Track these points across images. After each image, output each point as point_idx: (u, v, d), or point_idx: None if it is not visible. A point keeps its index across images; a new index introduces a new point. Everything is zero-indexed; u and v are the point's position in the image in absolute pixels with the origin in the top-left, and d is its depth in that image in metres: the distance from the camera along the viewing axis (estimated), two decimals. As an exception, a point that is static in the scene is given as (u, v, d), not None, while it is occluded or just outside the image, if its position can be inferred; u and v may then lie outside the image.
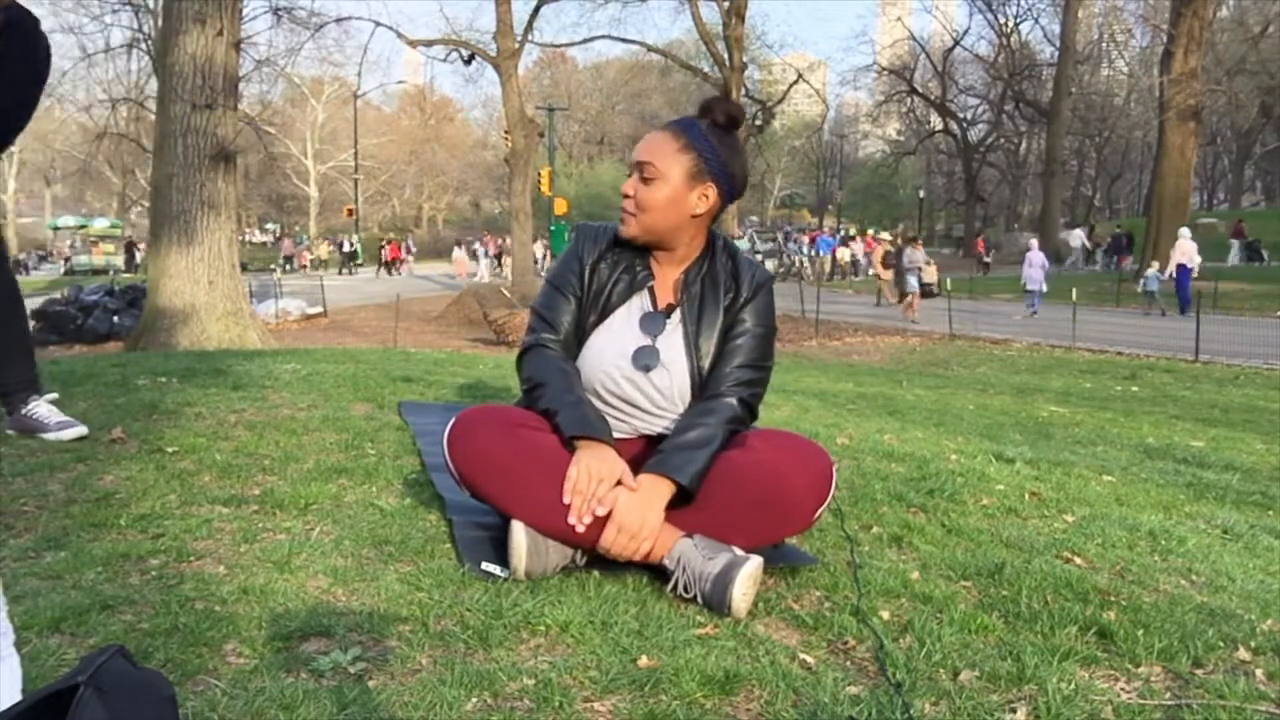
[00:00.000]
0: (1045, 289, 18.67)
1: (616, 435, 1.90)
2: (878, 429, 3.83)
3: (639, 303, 1.94)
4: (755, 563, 1.65)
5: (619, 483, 1.74)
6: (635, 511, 1.71)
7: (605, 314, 1.93)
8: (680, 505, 1.76)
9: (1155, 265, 19.23)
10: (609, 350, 1.90)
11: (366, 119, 48.35)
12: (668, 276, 1.95)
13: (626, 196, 1.88)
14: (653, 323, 1.91)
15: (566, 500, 1.73)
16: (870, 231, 30.32)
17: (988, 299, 22.12)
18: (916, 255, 18.82)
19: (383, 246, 39.51)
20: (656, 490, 1.73)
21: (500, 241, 37.59)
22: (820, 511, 1.82)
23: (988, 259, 32.87)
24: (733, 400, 1.84)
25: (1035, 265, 18.29)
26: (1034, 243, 21.00)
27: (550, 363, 1.89)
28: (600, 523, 1.73)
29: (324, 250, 43.26)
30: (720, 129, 1.88)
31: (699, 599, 1.67)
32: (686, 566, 1.69)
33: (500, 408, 1.94)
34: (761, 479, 1.75)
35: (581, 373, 1.91)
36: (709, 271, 1.94)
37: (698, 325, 1.90)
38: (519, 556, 1.72)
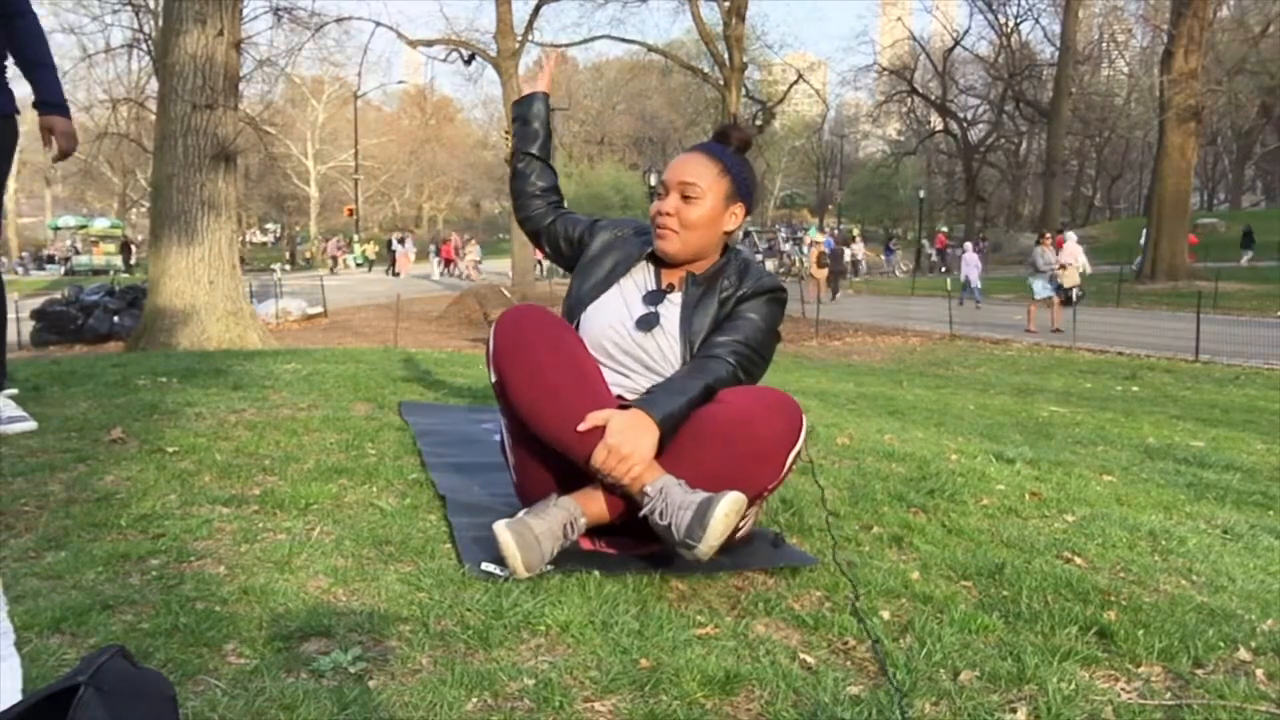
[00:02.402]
0: (980, 285, 21.09)
1: (620, 391, 1.99)
2: (878, 429, 3.83)
3: (644, 278, 2.06)
4: (739, 495, 1.70)
5: (623, 405, 1.84)
6: (626, 434, 1.76)
7: (611, 268, 2.06)
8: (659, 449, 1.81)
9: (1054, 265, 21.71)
10: (617, 310, 2.02)
11: (367, 119, 48.34)
12: (677, 271, 2.07)
13: (666, 214, 1.99)
14: (655, 296, 2.04)
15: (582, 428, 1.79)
16: (812, 233, 29.68)
17: (988, 298, 22.12)
18: (1049, 255, 15.56)
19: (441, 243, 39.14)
20: (646, 423, 1.79)
21: (453, 241, 37.80)
22: (792, 458, 1.84)
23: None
24: (719, 363, 1.92)
25: (971, 265, 21.00)
26: (969, 245, 23.36)
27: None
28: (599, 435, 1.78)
29: (371, 249, 42.78)
30: (739, 152, 2.05)
31: (672, 528, 1.70)
32: (668, 496, 1.73)
33: (551, 313, 1.99)
34: (730, 426, 1.81)
35: (587, 331, 2.02)
36: (716, 273, 2.05)
37: (694, 308, 2.01)
38: (511, 554, 1.73)
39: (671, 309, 2.01)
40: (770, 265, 29.86)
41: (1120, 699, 1.38)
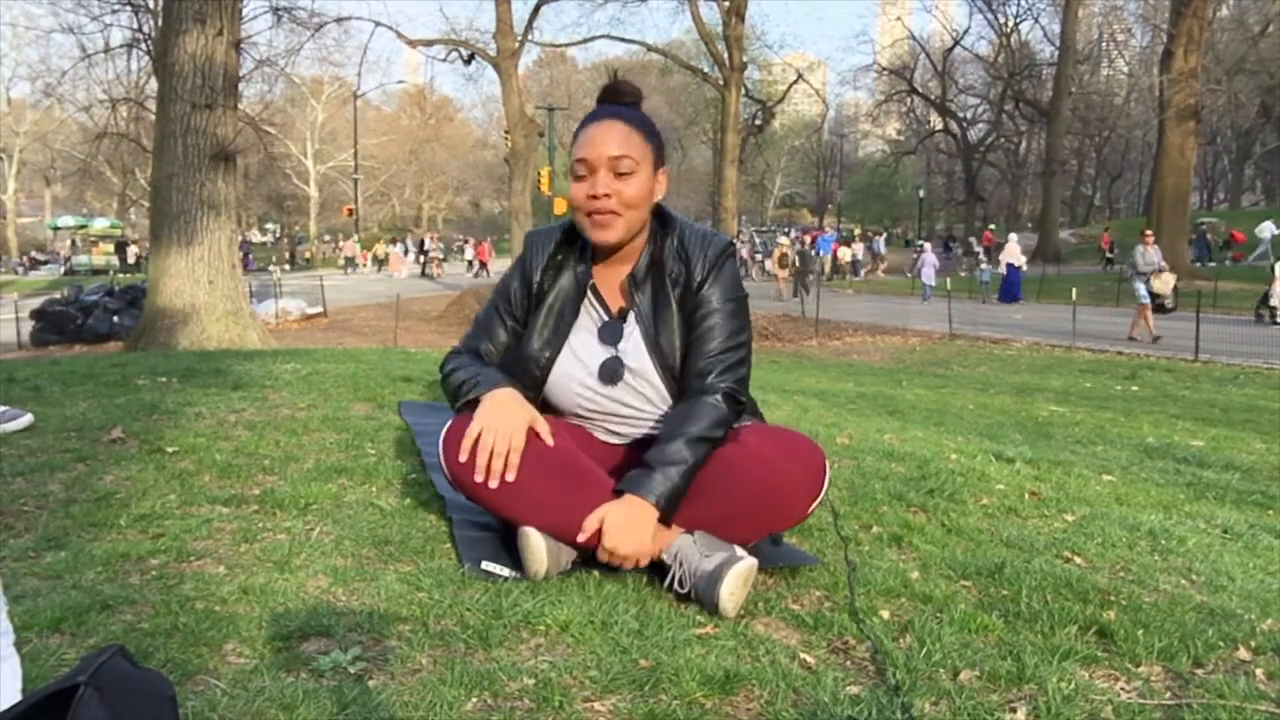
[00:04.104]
0: (935, 283, 22.74)
1: (605, 438, 1.93)
2: (878, 429, 3.83)
3: (591, 314, 1.90)
4: (747, 564, 1.63)
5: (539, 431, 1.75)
6: (625, 534, 1.69)
7: (553, 322, 1.89)
8: (663, 523, 1.74)
9: (986, 263, 24.19)
10: (575, 371, 1.88)
11: (366, 119, 48.36)
12: (615, 275, 1.90)
13: (604, 197, 1.78)
14: (611, 332, 1.88)
15: (463, 459, 1.73)
16: (783, 239, 30.42)
17: (988, 298, 22.14)
18: (1151, 255, 14.16)
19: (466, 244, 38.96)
20: (642, 510, 1.70)
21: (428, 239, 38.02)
22: (814, 505, 1.81)
23: (1111, 254, 30.29)
24: (716, 399, 1.79)
25: (928, 265, 23.18)
26: (927, 245, 25.70)
27: (468, 360, 1.91)
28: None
29: (380, 248, 42.52)
30: (639, 108, 1.87)
31: (693, 594, 1.67)
32: (684, 561, 1.69)
33: None
34: (756, 472, 1.75)
35: (554, 401, 1.91)
36: (655, 262, 1.89)
37: (655, 325, 1.86)
38: (539, 560, 1.71)
39: (632, 335, 1.86)
40: (769, 265, 29.89)
41: (1120, 698, 1.38)
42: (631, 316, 1.88)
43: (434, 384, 4.02)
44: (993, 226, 38.46)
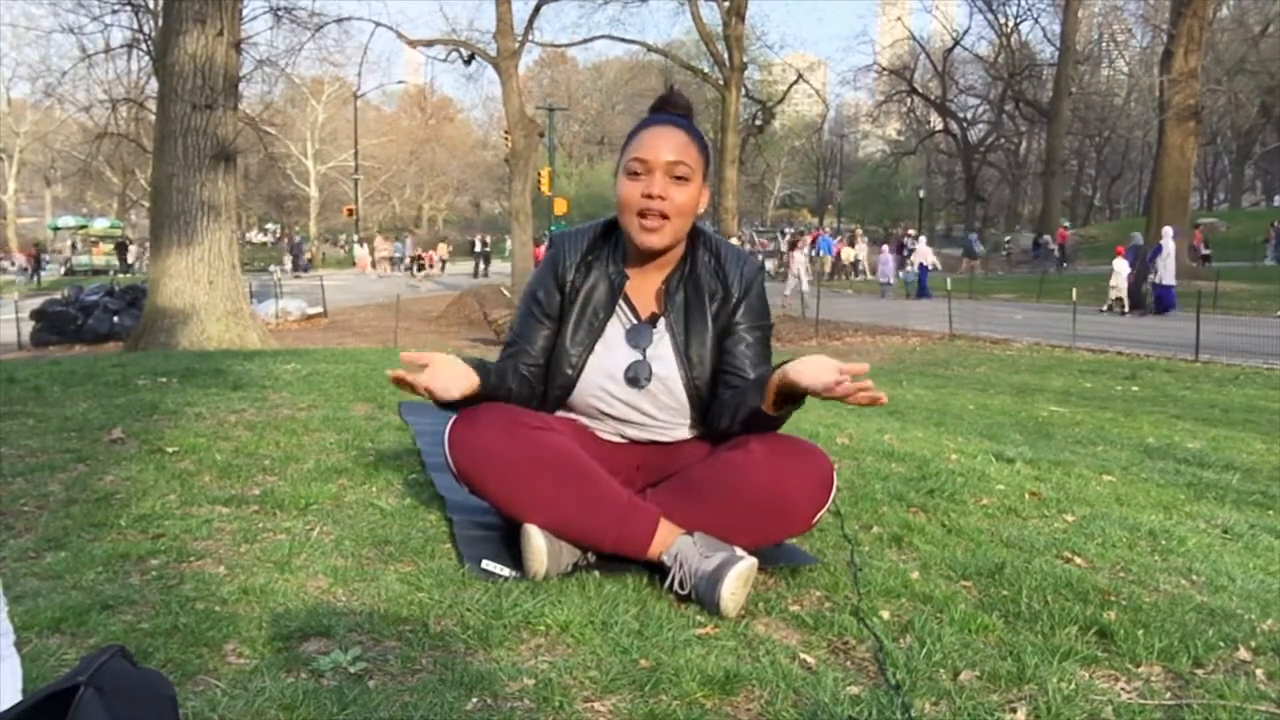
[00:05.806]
0: (894, 282, 24.58)
1: (616, 441, 1.93)
2: (878, 429, 3.83)
3: (620, 316, 1.91)
4: (747, 563, 1.63)
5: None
6: (815, 364, 1.65)
7: (587, 320, 1.89)
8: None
9: (911, 264, 25.65)
10: (599, 370, 1.88)
11: (366, 119, 48.34)
12: (650, 282, 1.92)
13: (659, 198, 1.79)
14: (639, 335, 1.88)
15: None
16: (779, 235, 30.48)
17: (987, 299, 22.14)
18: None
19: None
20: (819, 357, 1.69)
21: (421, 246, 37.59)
22: (819, 515, 1.81)
23: (1207, 251, 28.32)
24: None
25: (885, 264, 24.92)
26: (885, 246, 27.83)
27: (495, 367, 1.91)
28: (597, 517, 1.73)
29: (444, 250, 41.84)
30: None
31: (694, 596, 1.67)
32: (684, 563, 1.69)
33: (503, 405, 1.90)
34: (762, 480, 1.74)
35: (575, 397, 1.91)
36: (691, 274, 1.91)
37: (686, 335, 1.87)
38: (539, 560, 1.71)
39: (661, 342, 1.88)
40: (770, 266, 29.95)
41: (1120, 699, 1.38)
42: (662, 323, 1.89)
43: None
44: (1066, 223, 36.79)
